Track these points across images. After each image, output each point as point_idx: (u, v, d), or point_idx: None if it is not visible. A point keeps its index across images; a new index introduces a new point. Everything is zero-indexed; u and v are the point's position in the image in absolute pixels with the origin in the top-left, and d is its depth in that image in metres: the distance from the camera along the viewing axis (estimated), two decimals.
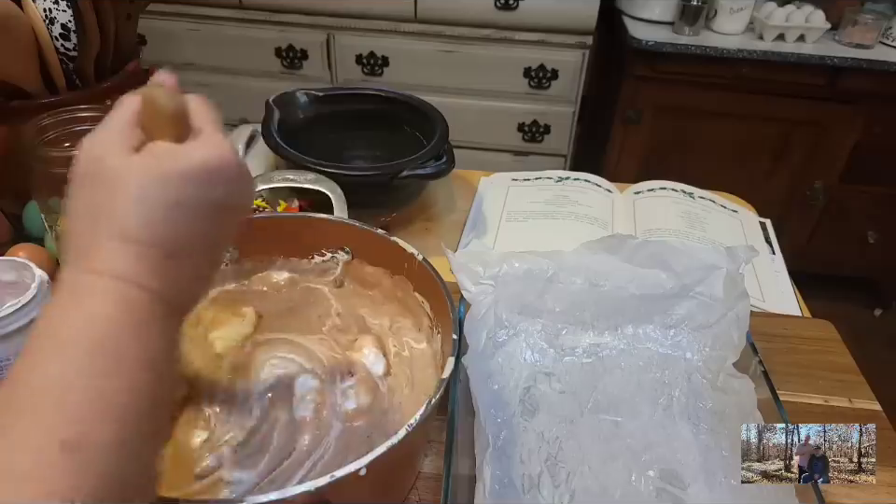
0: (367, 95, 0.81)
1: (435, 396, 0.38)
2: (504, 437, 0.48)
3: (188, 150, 0.30)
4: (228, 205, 0.32)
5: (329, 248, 0.55)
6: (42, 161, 0.51)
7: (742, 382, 0.50)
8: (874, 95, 1.53)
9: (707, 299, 0.54)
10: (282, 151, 0.68)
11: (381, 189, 0.69)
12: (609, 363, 0.55)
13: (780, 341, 0.62)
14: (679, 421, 0.51)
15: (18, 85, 0.61)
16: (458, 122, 0.84)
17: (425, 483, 0.47)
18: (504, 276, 0.54)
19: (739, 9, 1.53)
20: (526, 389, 0.53)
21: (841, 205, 1.71)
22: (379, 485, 0.40)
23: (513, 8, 1.48)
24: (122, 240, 0.28)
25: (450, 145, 0.73)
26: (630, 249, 0.55)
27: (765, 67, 1.50)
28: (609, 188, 0.87)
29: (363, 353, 0.49)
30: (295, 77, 1.63)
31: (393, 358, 0.50)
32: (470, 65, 1.57)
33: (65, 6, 0.62)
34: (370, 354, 0.49)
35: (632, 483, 0.46)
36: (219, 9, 1.56)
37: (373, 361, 0.48)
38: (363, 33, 1.56)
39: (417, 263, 0.50)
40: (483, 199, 0.84)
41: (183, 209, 0.29)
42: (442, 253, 0.54)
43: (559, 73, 1.56)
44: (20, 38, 0.60)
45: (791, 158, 1.64)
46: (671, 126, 1.63)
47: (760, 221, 0.84)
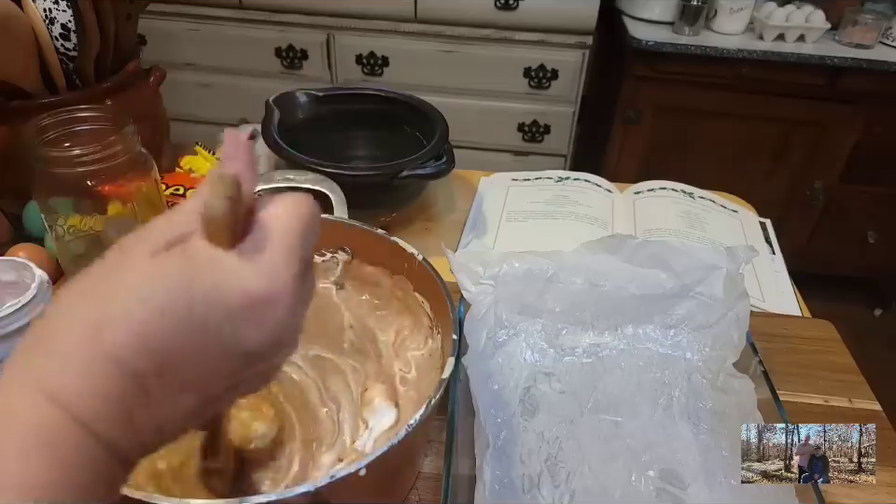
0: (367, 95, 0.81)
1: (435, 396, 0.38)
2: (504, 437, 0.48)
3: (233, 266, 0.23)
4: (252, 353, 0.24)
5: (328, 248, 0.55)
6: (42, 161, 0.51)
7: (742, 382, 0.50)
8: (874, 95, 1.53)
9: (707, 299, 0.54)
10: (282, 151, 0.68)
11: (381, 189, 0.69)
12: (609, 363, 0.55)
13: (780, 341, 0.62)
14: (679, 421, 0.51)
15: (18, 85, 0.61)
16: (458, 122, 0.84)
17: (425, 482, 0.47)
18: (504, 276, 0.54)
19: (739, 9, 1.53)
20: (526, 389, 0.53)
21: (841, 205, 1.71)
22: (379, 485, 0.40)
23: (513, 8, 1.48)
24: (87, 349, 0.20)
25: (450, 145, 0.73)
26: (630, 249, 0.55)
27: (765, 67, 1.50)
28: (609, 188, 0.87)
29: (374, 405, 0.48)
30: (295, 77, 1.63)
31: (402, 400, 0.49)
32: (470, 65, 1.57)
33: (65, 6, 0.62)
34: (380, 406, 0.48)
35: (632, 483, 0.46)
36: (219, 9, 1.56)
37: (384, 414, 0.47)
38: (363, 33, 1.56)
39: (417, 263, 0.50)
40: (483, 199, 0.84)
41: (190, 336, 0.22)
42: (442, 253, 0.54)
43: (559, 73, 1.56)
44: (20, 38, 0.60)
45: (791, 158, 1.64)
46: (671, 126, 1.63)
47: (760, 221, 0.84)
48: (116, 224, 0.57)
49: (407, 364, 0.51)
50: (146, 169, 0.57)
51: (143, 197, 0.58)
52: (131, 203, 0.57)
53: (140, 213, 0.58)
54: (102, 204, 0.56)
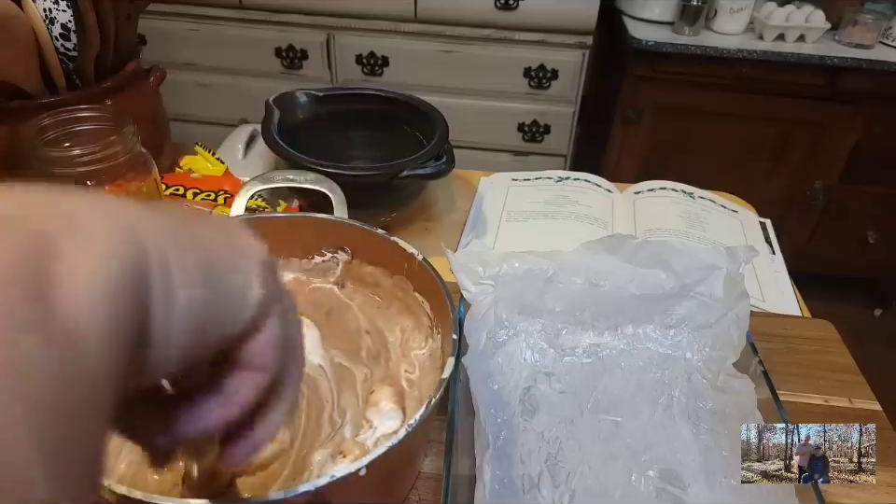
0: (367, 95, 0.81)
1: (435, 396, 0.38)
2: (504, 437, 0.48)
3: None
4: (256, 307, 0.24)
5: (329, 248, 0.55)
6: (42, 161, 0.51)
7: (742, 382, 0.50)
8: (874, 95, 1.53)
9: (707, 299, 0.54)
10: (282, 151, 0.68)
11: (381, 188, 0.69)
12: (609, 363, 0.55)
13: (780, 341, 0.62)
14: (679, 421, 0.51)
15: (18, 85, 0.61)
16: (458, 122, 0.84)
17: (425, 483, 0.47)
18: (504, 276, 0.54)
19: (739, 9, 1.53)
20: (526, 389, 0.53)
21: (841, 205, 1.71)
22: (379, 485, 0.40)
23: (513, 8, 1.48)
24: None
25: (450, 145, 0.73)
26: (630, 249, 0.55)
27: (765, 67, 1.50)
28: (609, 188, 0.87)
29: (380, 407, 0.47)
30: (295, 77, 1.63)
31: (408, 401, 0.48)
32: (470, 65, 1.57)
33: (65, 6, 0.62)
34: (386, 408, 0.47)
35: (632, 483, 0.46)
36: (219, 9, 1.57)
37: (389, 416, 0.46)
38: (363, 33, 1.56)
39: (417, 263, 0.50)
40: (483, 199, 0.84)
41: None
42: (442, 253, 0.54)
43: (559, 73, 1.56)
44: (20, 38, 0.60)
45: (791, 158, 1.64)
46: (671, 126, 1.63)
47: (760, 221, 0.84)
48: None
49: (412, 365, 0.51)
50: (146, 169, 0.57)
51: (143, 197, 0.58)
52: None
53: None
54: None
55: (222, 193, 0.69)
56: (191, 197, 0.68)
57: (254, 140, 0.84)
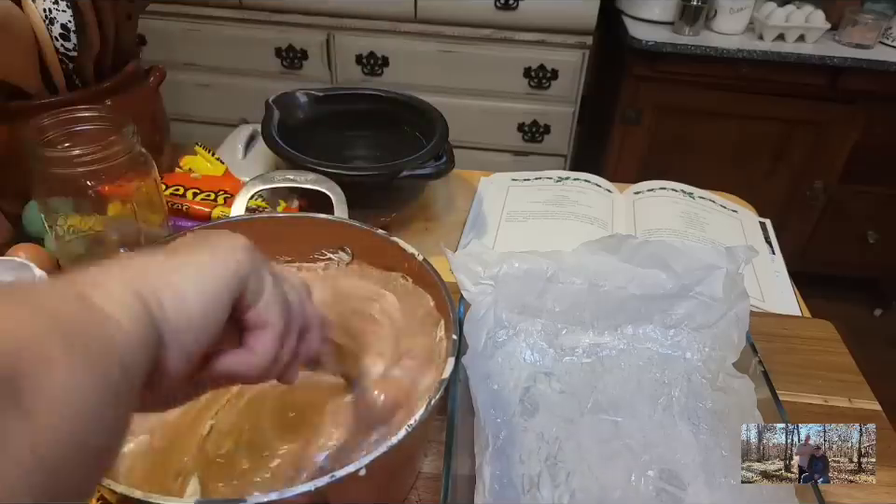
0: (367, 95, 0.81)
1: (435, 396, 0.38)
2: (504, 437, 0.48)
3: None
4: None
5: (328, 248, 0.55)
6: (42, 161, 0.51)
7: (742, 382, 0.50)
8: (874, 95, 1.53)
9: (707, 299, 0.54)
10: (282, 151, 0.68)
11: (381, 188, 0.69)
12: (609, 363, 0.55)
13: (780, 341, 0.62)
14: (678, 421, 0.51)
15: (18, 85, 0.61)
16: (458, 122, 0.84)
17: (425, 483, 0.47)
18: (504, 276, 0.54)
19: (739, 9, 1.53)
20: (526, 389, 0.53)
21: (841, 205, 1.71)
22: (379, 485, 0.40)
23: (513, 8, 1.48)
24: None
25: (450, 145, 0.73)
26: (630, 249, 0.55)
27: (765, 67, 1.50)
28: (608, 188, 0.87)
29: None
30: (295, 77, 1.63)
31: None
32: (470, 65, 1.57)
33: (65, 6, 0.62)
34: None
35: (632, 482, 0.46)
36: (219, 9, 1.56)
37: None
38: (363, 33, 1.56)
39: (417, 263, 0.50)
40: (482, 199, 0.84)
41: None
42: (442, 253, 0.54)
43: (559, 73, 1.56)
44: (20, 38, 0.60)
45: (791, 158, 1.64)
46: (671, 126, 1.63)
47: (760, 221, 0.84)
48: (116, 224, 0.57)
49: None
50: (146, 169, 0.57)
51: (143, 197, 0.58)
52: (131, 203, 0.57)
53: (140, 213, 0.58)
54: (102, 204, 0.56)
55: (222, 193, 0.69)
56: (191, 197, 0.68)
57: (254, 140, 0.84)
